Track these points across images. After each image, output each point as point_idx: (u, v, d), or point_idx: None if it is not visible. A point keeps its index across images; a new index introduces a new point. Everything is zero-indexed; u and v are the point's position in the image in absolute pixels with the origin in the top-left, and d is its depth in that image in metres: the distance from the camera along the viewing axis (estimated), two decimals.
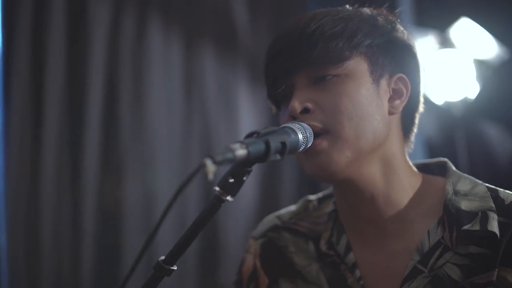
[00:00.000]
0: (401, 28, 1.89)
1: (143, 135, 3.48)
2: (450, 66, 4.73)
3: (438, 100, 4.78)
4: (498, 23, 4.72)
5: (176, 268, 1.50)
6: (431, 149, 4.84)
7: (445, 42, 4.73)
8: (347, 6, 1.92)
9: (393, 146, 1.84)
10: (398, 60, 1.86)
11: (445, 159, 1.97)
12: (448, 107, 4.82)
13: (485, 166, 4.80)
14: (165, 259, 1.50)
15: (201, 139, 3.80)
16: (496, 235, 1.74)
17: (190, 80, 3.80)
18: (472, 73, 4.75)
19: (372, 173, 1.81)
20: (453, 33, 4.71)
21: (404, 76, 1.86)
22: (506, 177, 4.58)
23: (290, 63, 1.77)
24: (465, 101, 4.80)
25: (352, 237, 1.90)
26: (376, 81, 1.80)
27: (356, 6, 1.93)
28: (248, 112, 4.09)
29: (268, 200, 3.99)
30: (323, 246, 1.93)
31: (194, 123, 3.79)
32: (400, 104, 1.85)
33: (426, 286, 1.78)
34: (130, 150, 3.39)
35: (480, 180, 1.90)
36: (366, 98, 1.75)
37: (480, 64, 4.76)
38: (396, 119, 1.86)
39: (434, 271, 1.78)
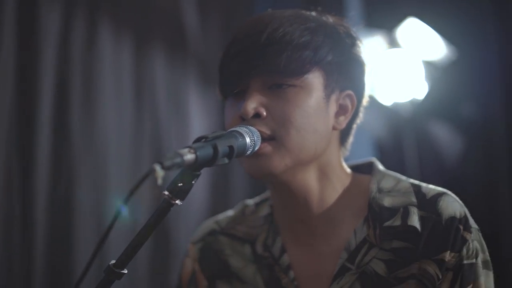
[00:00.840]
0: (359, 44, 1.96)
1: (93, 138, 3.48)
2: (398, 66, 4.79)
3: (387, 101, 4.83)
4: (446, 23, 4.80)
5: (126, 272, 1.52)
6: (381, 150, 4.90)
7: (393, 42, 4.80)
8: (313, 12, 1.96)
9: (330, 156, 1.92)
10: (350, 77, 1.93)
11: (373, 159, 2.06)
12: (396, 108, 4.88)
13: (434, 166, 4.87)
14: (115, 263, 1.53)
15: (151, 141, 3.82)
16: (417, 229, 1.84)
17: (140, 83, 3.81)
18: (420, 73, 4.82)
19: (307, 179, 1.88)
20: (401, 33, 4.77)
21: (352, 93, 1.93)
22: (454, 176, 4.66)
23: (250, 65, 1.81)
24: (413, 102, 4.86)
25: (286, 239, 1.98)
26: (328, 96, 1.86)
27: (318, 10, 1.97)
28: (198, 115, 4.11)
29: (219, 204, 4.02)
30: (259, 248, 2.00)
31: (145, 126, 3.80)
32: (344, 120, 1.92)
33: (354, 283, 1.87)
34: (81, 153, 3.39)
35: (429, 180, 1.99)
36: (315, 112, 1.81)
37: (429, 65, 4.83)
38: (336, 132, 1.94)
39: (361, 268, 1.87)
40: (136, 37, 3.82)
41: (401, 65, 4.77)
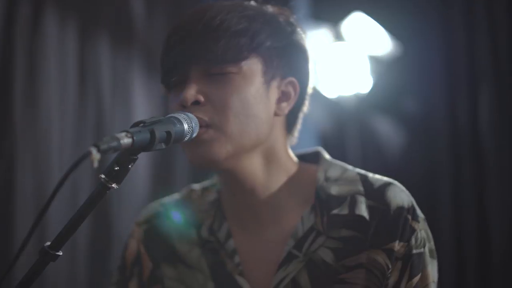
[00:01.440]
0: (300, 32, 1.97)
1: (36, 124, 3.48)
2: (343, 60, 4.84)
3: (331, 94, 4.88)
4: (392, 18, 4.87)
5: (61, 254, 1.54)
6: (324, 142, 4.95)
7: (339, 36, 4.85)
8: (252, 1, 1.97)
9: (275, 142, 1.93)
10: (291, 64, 1.93)
11: (320, 148, 2.08)
12: (340, 101, 4.94)
13: (376, 159, 4.96)
14: (50, 244, 1.52)
15: (94, 128, 3.82)
16: (365, 218, 1.87)
17: (84, 69, 3.81)
18: (365, 67, 4.88)
19: (253, 165, 1.90)
20: (346, 27, 4.83)
21: (294, 80, 1.94)
22: (396, 169, 4.74)
23: (189, 54, 1.82)
24: (357, 96, 4.92)
25: (233, 224, 1.99)
26: (268, 82, 1.87)
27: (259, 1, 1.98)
28: (142, 103, 4.12)
29: (161, 188, 4.02)
30: (205, 233, 2.01)
31: (88, 112, 3.80)
32: (286, 106, 1.93)
33: (301, 270, 1.88)
34: (23, 138, 3.39)
35: (371, 173, 1.99)
36: (255, 98, 1.83)
37: (374, 59, 4.89)
38: (280, 119, 1.95)
39: (308, 255, 1.88)
40: (81, 22, 3.81)
41: (346, 59, 4.83)
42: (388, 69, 4.92)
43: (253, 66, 1.85)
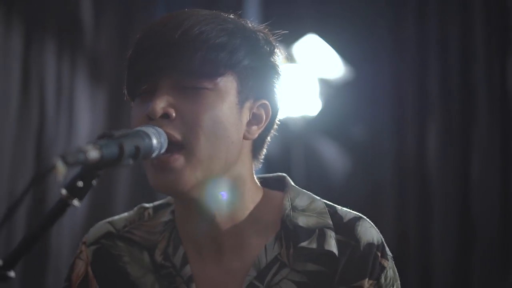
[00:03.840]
0: (278, 53, 1.88)
1: None
2: (293, 81, 4.85)
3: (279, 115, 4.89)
4: (345, 41, 4.93)
5: (14, 275, 1.47)
6: (268, 163, 4.93)
7: (291, 57, 4.86)
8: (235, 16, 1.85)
9: (242, 167, 1.84)
10: (266, 86, 1.84)
11: (284, 174, 1.98)
12: (288, 122, 4.95)
13: (320, 183, 4.99)
14: (2, 264, 1.46)
15: (36, 134, 3.77)
16: (334, 254, 1.80)
17: (28, 75, 3.76)
18: (315, 90, 4.91)
19: (217, 193, 1.81)
20: (299, 49, 4.85)
21: (267, 102, 1.84)
22: (340, 195, 4.78)
23: (162, 63, 1.72)
24: (305, 118, 4.95)
25: (189, 249, 1.89)
26: (241, 103, 1.78)
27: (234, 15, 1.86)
28: (85, 112, 4.09)
29: (100, 206, 3.99)
30: (159, 257, 1.90)
31: (30, 119, 3.75)
32: (257, 130, 1.83)
33: None
34: None
35: (315, 195, 1.93)
36: (227, 118, 1.74)
37: (324, 82, 4.92)
38: (248, 142, 1.85)
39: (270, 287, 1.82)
40: (27, 27, 3.77)
41: (296, 80, 4.84)
42: (338, 93, 4.97)
43: (229, 84, 1.75)
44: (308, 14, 5.15)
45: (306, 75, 4.88)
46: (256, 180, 1.91)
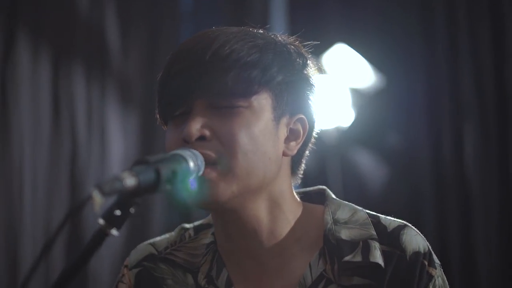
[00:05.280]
0: (311, 64, 1.88)
1: (9, 157, 3.45)
2: (325, 92, 4.84)
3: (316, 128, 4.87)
4: (375, 50, 4.92)
5: None
6: (305, 178, 4.91)
7: (321, 68, 4.85)
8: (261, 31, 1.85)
9: (282, 184, 1.83)
10: (301, 100, 1.84)
11: (324, 187, 1.98)
12: (321, 135, 4.93)
13: (358, 194, 4.98)
14: None
15: (69, 162, 3.80)
16: (380, 265, 1.79)
17: (58, 101, 3.80)
18: (347, 100, 4.90)
19: (257, 208, 1.80)
20: (328, 59, 4.85)
21: (304, 117, 1.84)
22: (378, 205, 4.75)
23: (195, 85, 1.72)
24: (338, 129, 4.94)
25: (232, 271, 1.87)
26: (277, 119, 1.77)
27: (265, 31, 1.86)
28: (117, 136, 4.12)
29: (137, 228, 4.01)
30: (202, 281, 1.89)
31: (63, 145, 3.78)
32: (295, 146, 1.83)
33: None
34: None
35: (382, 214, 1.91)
36: (264, 135, 1.74)
37: (356, 92, 4.92)
38: (287, 159, 1.84)
39: None
40: (55, 53, 3.81)
41: (328, 92, 4.84)
42: (370, 102, 4.96)
43: (263, 101, 1.75)
44: (335, 23, 5.15)
45: (337, 86, 4.87)
46: (296, 196, 1.90)
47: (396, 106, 4.97)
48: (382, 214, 1.91)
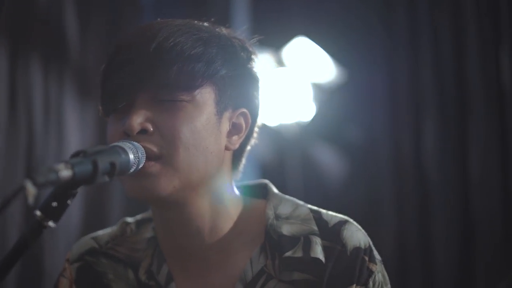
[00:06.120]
0: (255, 59, 1.89)
1: None
2: (285, 86, 4.85)
3: (272, 122, 4.89)
4: (336, 44, 4.94)
5: None
6: (264, 172, 4.95)
7: (281, 61, 4.87)
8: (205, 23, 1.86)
9: (223, 178, 1.84)
10: (244, 94, 1.85)
11: (266, 181, 1.99)
12: (281, 129, 4.96)
13: (317, 189, 5.00)
14: None
15: (25, 153, 3.78)
16: (321, 260, 1.80)
17: (15, 93, 3.77)
18: (308, 94, 4.91)
19: (199, 203, 1.80)
20: (288, 52, 4.86)
21: (246, 111, 1.85)
22: (338, 199, 4.81)
23: (137, 78, 1.71)
24: (299, 124, 4.96)
25: (173, 267, 1.88)
26: (220, 113, 1.78)
27: (211, 23, 1.87)
28: (75, 129, 4.10)
29: (94, 222, 4.00)
30: (143, 276, 1.90)
31: (19, 137, 3.76)
32: (237, 140, 1.84)
33: None
34: None
35: (312, 202, 1.93)
36: (206, 129, 1.74)
37: (317, 86, 4.93)
38: (228, 153, 1.86)
39: None
40: (12, 44, 3.78)
41: (288, 86, 4.84)
42: (331, 97, 4.98)
43: (206, 95, 1.75)
44: (297, 16, 5.17)
45: (298, 80, 4.88)
46: (237, 190, 1.92)
47: (357, 100, 5.01)
48: (342, 209, 1.96)
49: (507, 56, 4.44)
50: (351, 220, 1.88)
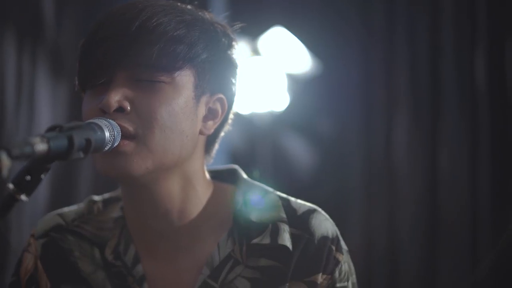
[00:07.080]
0: (235, 45, 1.88)
1: None
2: (260, 75, 4.86)
3: (244, 110, 4.90)
4: (312, 35, 4.97)
5: None
6: (234, 159, 4.97)
7: (256, 50, 4.88)
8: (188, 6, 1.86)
9: (196, 163, 1.84)
10: (222, 80, 1.85)
11: (235, 167, 2.00)
12: (254, 118, 4.98)
13: (288, 178, 5.03)
14: None
15: None
16: (288, 248, 1.81)
17: None
18: (282, 84, 4.94)
19: (170, 186, 1.80)
20: (264, 42, 4.87)
21: (223, 97, 1.85)
22: (308, 190, 4.84)
23: (118, 55, 1.69)
24: (272, 113, 4.98)
25: (141, 248, 1.88)
26: (198, 97, 1.77)
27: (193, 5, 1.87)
28: (47, 105, 4.10)
29: (63, 199, 3.99)
30: (109, 256, 1.89)
31: None
32: (212, 125, 1.84)
33: None
34: None
35: (283, 191, 1.93)
36: (183, 112, 1.73)
37: (291, 76, 4.96)
38: (202, 138, 1.86)
39: (225, 286, 1.82)
40: None
41: (263, 75, 4.86)
42: (306, 88, 5.00)
43: (186, 77, 1.74)
44: (275, 6, 5.18)
45: (273, 69, 4.90)
46: (207, 175, 1.91)
47: (331, 93, 5.04)
48: (311, 199, 1.93)
49: (482, 56, 4.49)
50: (320, 209, 1.89)
